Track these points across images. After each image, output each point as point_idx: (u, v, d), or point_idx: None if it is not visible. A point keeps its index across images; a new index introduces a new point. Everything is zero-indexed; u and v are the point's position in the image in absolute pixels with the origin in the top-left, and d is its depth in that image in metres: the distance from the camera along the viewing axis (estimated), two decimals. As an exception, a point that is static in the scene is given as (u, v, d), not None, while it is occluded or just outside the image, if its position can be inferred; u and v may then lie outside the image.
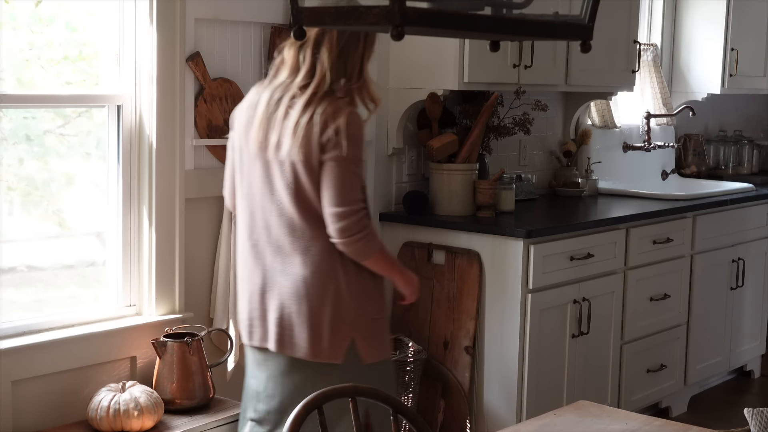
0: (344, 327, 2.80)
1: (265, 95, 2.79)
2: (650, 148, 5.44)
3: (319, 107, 2.71)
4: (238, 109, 2.89)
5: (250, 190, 2.82)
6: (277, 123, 2.74)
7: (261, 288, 2.82)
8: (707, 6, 5.56)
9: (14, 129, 3.13)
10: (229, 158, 2.92)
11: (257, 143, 2.77)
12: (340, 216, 2.71)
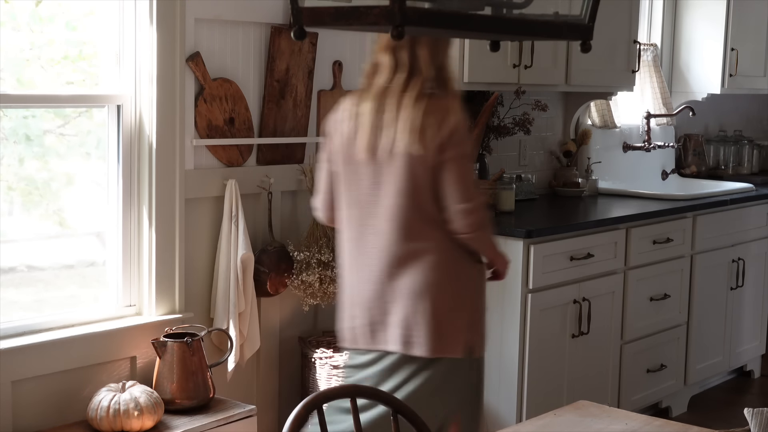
0: (462, 322, 2.85)
1: (368, 103, 2.80)
2: (650, 148, 5.43)
3: (428, 106, 2.75)
4: (334, 121, 2.88)
5: (359, 198, 2.83)
6: (387, 127, 2.77)
7: (378, 293, 2.82)
8: (707, 6, 5.56)
9: (14, 129, 3.13)
10: (326, 171, 2.92)
11: (367, 150, 2.79)
12: (469, 212, 2.78)
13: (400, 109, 2.75)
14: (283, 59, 3.66)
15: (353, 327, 2.88)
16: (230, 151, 3.55)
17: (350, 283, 2.88)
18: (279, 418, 3.80)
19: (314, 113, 3.83)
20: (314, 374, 3.64)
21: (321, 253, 3.64)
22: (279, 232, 3.72)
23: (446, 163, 2.76)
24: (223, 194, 3.49)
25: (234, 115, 3.53)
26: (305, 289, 3.63)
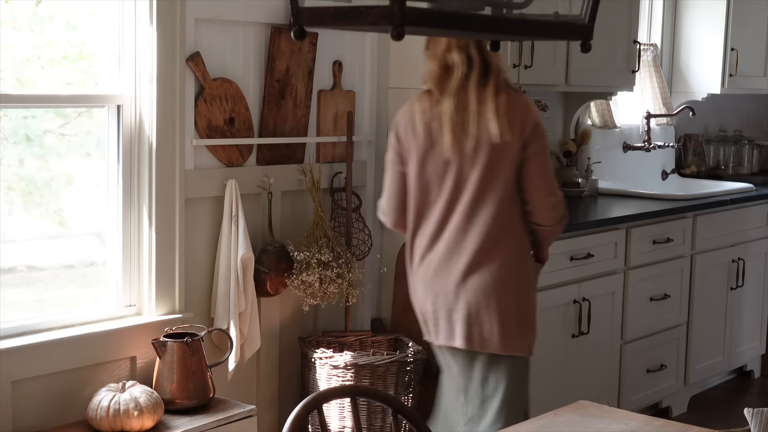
0: (530, 319, 2.96)
1: (447, 102, 2.86)
2: (650, 148, 5.44)
3: (508, 101, 2.85)
4: (410, 123, 2.94)
5: (440, 196, 2.90)
6: (471, 125, 2.85)
7: (453, 287, 2.91)
8: (707, 6, 5.56)
9: (14, 129, 3.13)
10: (397, 173, 2.98)
11: (453, 148, 2.86)
12: (555, 204, 2.95)
13: (483, 104, 2.83)
14: (283, 59, 3.66)
15: (428, 322, 2.98)
16: (230, 151, 3.55)
17: (427, 280, 2.93)
18: (279, 418, 3.80)
19: (314, 113, 3.83)
20: (314, 374, 3.64)
21: (321, 253, 3.64)
22: (279, 232, 3.72)
23: (532, 157, 2.87)
24: (223, 194, 3.49)
25: (234, 115, 3.53)
26: (305, 289, 3.63)
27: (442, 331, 2.97)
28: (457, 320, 2.92)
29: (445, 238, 2.91)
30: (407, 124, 2.95)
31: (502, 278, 2.88)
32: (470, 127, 2.85)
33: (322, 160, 3.86)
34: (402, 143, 2.97)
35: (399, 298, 4.10)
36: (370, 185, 4.06)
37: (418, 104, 2.95)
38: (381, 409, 3.58)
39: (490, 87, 2.85)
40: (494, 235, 2.87)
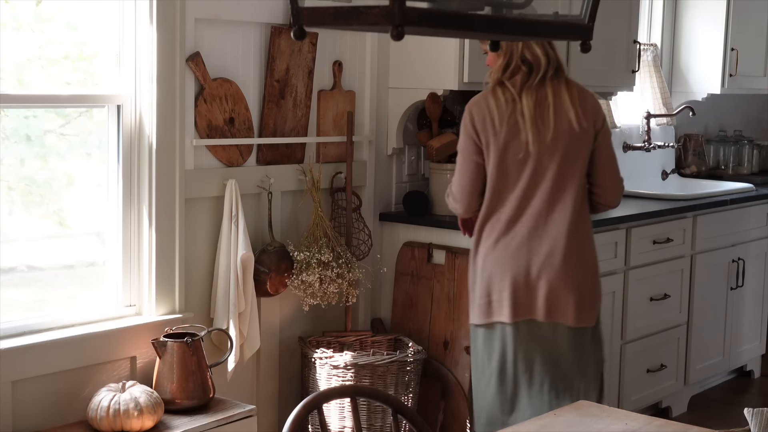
0: (598, 291, 3.24)
1: (527, 98, 3.07)
2: (650, 148, 5.44)
3: (579, 93, 3.12)
4: (487, 117, 3.09)
5: (517, 184, 3.10)
6: (550, 116, 3.08)
7: (536, 266, 3.12)
8: (707, 6, 5.56)
9: (15, 128, 3.13)
10: (474, 164, 3.13)
11: (533, 141, 3.08)
12: (621, 185, 3.24)
13: (560, 97, 3.09)
14: (283, 59, 3.66)
15: (503, 300, 3.12)
16: (230, 151, 3.55)
17: (505, 260, 3.12)
18: (279, 418, 3.80)
19: (314, 113, 3.83)
20: (314, 374, 3.64)
21: (321, 253, 3.64)
22: (279, 232, 3.72)
23: (603, 144, 3.16)
24: (223, 194, 3.49)
25: (234, 115, 3.53)
26: (305, 289, 3.63)
27: (520, 306, 3.13)
28: (539, 296, 3.12)
29: (525, 222, 3.12)
30: (484, 117, 3.10)
31: (579, 258, 3.14)
32: (550, 119, 3.08)
33: (322, 160, 3.86)
34: (480, 136, 3.12)
35: (399, 298, 4.10)
36: (370, 185, 4.06)
37: (492, 98, 3.11)
38: (381, 409, 3.59)
39: (562, 81, 3.10)
40: (574, 218, 3.12)
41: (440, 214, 4.09)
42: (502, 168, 3.11)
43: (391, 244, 4.13)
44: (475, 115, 3.12)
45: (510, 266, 3.14)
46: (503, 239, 3.15)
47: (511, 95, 3.09)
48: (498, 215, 3.15)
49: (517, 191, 3.12)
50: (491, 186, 3.14)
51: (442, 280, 3.96)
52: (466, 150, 3.16)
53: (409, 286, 4.07)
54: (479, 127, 3.12)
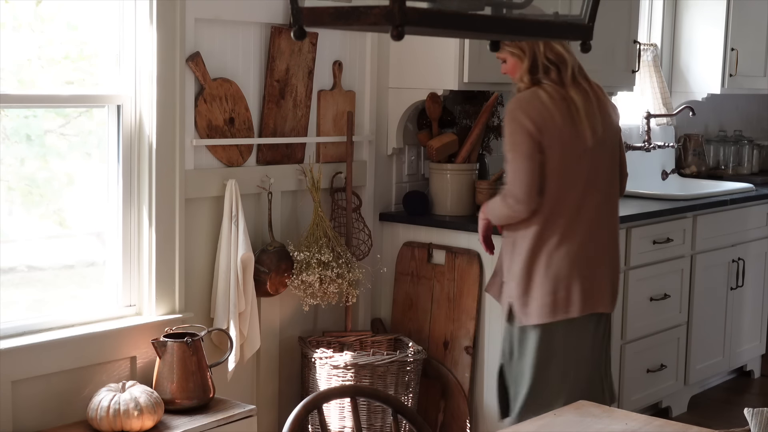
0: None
1: (575, 94, 3.17)
2: (650, 148, 5.43)
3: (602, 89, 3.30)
4: (547, 114, 3.13)
5: (577, 180, 3.18)
6: (596, 112, 3.20)
7: (601, 260, 3.25)
8: (707, 6, 5.56)
9: (15, 128, 3.13)
10: (536, 162, 3.13)
11: (590, 135, 3.17)
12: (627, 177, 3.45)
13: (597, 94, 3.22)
14: (283, 59, 3.66)
15: (571, 295, 3.19)
16: (230, 151, 3.55)
17: (571, 256, 3.18)
18: (279, 418, 3.80)
19: (314, 113, 3.83)
20: (314, 374, 3.64)
21: (321, 253, 3.64)
22: (279, 232, 3.72)
23: (621, 139, 3.37)
24: (223, 194, 3.49)
25: (234, 115, 3.53)
26: (305, 289, 3.63)
27: (588, 300, 3.22)
28: (605, 288, 3.26)
29: (588, 217, 3.21)
30: (543, 115, 3.13)
31: (618, 248, 3.34)
32: (597, 113, 3.19)
33: (322, 160, 3.86)
34: (543, 134, 3.13)
35: (399, 298, 4.10)
36: (370, 185, 4.06)
37: (545, 95, 3.14)
38: (381, 409, 3.59)
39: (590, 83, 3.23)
40: (617, 207, 3.35)
41: (440, 214, 4.09)
42: (565, 164, 3.16)
43: (391, 244, 4.13)
44: (531, 115, 3.11)
45: (577, 262, 3.19)
46: (569, 235, 3.19)
47: (558, 92, 3.13)
48: (561, 212, 3.18)
49: (577, 187, 3.18)
50: (554, 183, 3.16)
51: (442, 280, 3.96)
52: (528, 149, 3.12)
53: (409, 286, 4.07)
54: (540, 125, 3.11)
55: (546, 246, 3.19)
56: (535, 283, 3.20)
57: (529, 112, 3.12)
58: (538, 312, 3.20)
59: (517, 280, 3.23)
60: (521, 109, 3.14)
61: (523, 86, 3.18)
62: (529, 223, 3.19)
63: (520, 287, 3.22)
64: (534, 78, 3.16)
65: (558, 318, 3.21)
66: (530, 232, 3.19)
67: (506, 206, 3.20)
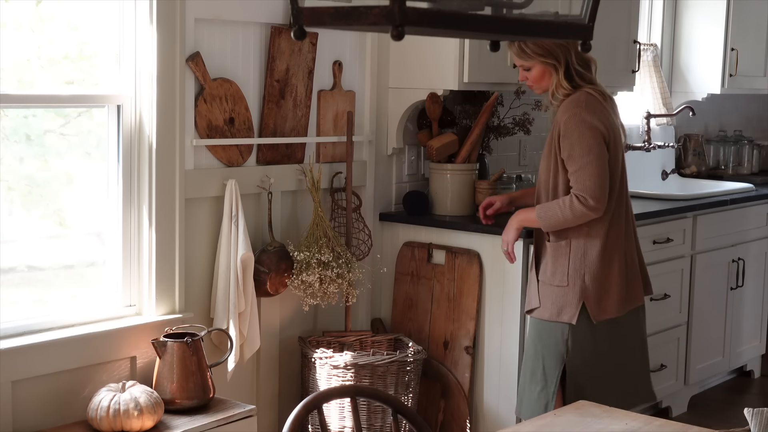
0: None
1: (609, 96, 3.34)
2: (650, 148, 5.43)
3: None
4: (607, 117, 3.28)
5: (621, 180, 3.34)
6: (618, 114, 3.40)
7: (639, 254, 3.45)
8: (707, 6, 5.56)
9: (15, 128, 3.13)
10: (605, 160, 3.23)
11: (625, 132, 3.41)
12: None
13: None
14: (283, 59, 3.66)
15: (632, 289, 3.36)
16: (230, 151, 3.55)
17: (631, 254, 3.37)
18: (279, 418, 3.80)
19: (314, 113, 3.83)
20: (314, 374, 3.64)
21: (321, 253, 3.64)
22: (279, 232, 3.72)
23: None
24: (223, 194, 3.49)
25: (234, 115, 3.53)
26: (305, 289, 3.63)
27: (647, 288, 3.46)
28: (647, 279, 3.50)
29: (629, 215, 3.40)
30: (606, 117, 3.25)
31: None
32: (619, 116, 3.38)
33: (322, 160, 3.86)
34: (608, 134, 3.25)
35: (399, 298, 4.10)
36: (369, 185, 4.06)
37: (597, 96, 3.25)
38: (381, 409, 3.59)
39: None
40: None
41: (440, 214, 4.09)
42: (620, 162, 3.31)
43: (391, 244, 4.13)
44: (597, 116, 3.22)
45: (633, 259, 3.40)
46: (626, 233, 3.38)
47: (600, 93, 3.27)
48: (621, 208, 3.34)
49: (624, 183, 3.36)
50: (615, 182, 3.30)
51: (442, 280, 3.96)
52: (601, 150, 3.22)
53: (409, 286, 4.07)
54: (606, 125, 3.24)
55: (616, 242, 3.32)
56: (612, 280, 3.31)
57: (594, 112, 3.22)
58: (615, 307, 3.32)
59: (592, 279, 3.29)
60: (588, 110, 3.21)
61: (563, 92, 3.25)
62: (597, 223, 3.28)
63: (595, 285, 3.29)
64: (573, 83, 3.24)
65: (629, 309, 3.37)
66: (601, 231, 3.29)
67: (581, 208, 3.22)
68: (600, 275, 3.29)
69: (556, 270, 3.32)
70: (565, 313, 3.30)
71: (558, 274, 3.31)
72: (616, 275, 3.32)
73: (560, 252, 3.32)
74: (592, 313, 3.29)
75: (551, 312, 3.32)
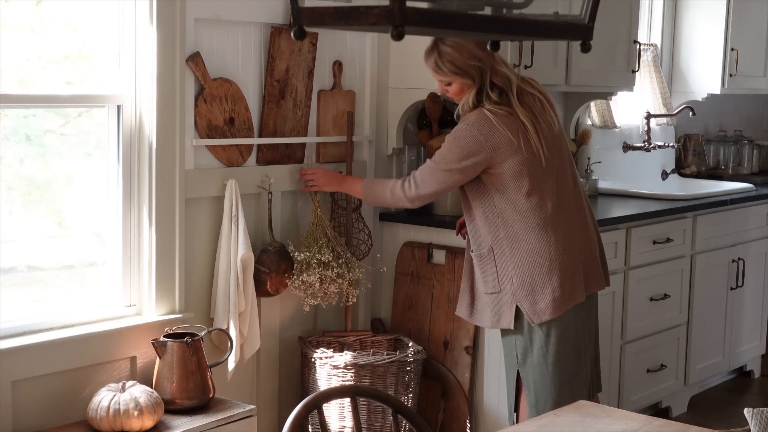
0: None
1: (522, 115, 3.25)
2: (650, 148, 5.44)
3: (546, 95, 3.38)
4: (509, 139, 3.23)
5: (548, 180, 3.30)
6: (543, 124, 3.29)
7: (585, 245, 3.40)
8: (707, 6, 5.56)
9: (14, 128, 3.13)
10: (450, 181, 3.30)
11: (543, 146, 3.27)
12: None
13: (541, 97, 3.29)
14: (283, 59, 3.66)
15: (578, 282, 3.31)
16: (230, 151, 3.55)
17: (564, 252, 3.28)
18: (279, 418, 3.80)
19: (314, 113, 3.83)
20: (314, 374, 3.64)
21: (321, 254, 3.64)
22: (279, 232, 3.72)
23: (564, 133, 3.44)
24: (223, 194, 3.49)
25: (234, 115, 3.53)
26: (306, 290, 3.63)
27: (583, 289, 3.36)
28: (597, 269, 3.45)
29: (566, 212, 3.35)
30: (496, 137, 3.22)
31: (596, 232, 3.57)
32: (543, 124, 3.30)
33: (322, 160, 3.86)
34: (496, 151, 3.26)
35: (399, 298, 4.10)
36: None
37: (496, 117, 3.21)
38: (381, 409, 3.59)
39: (530, 84, 3.33)
40: (584, 194, 3.50)
41: (440, 214, 4.09)
42: (533, 172, 3.25)
43: (391, 244, 4.13)
44: (485, 134, 3.18)
45: (571, 251, 3.36)
46: (558, 232, 3.32)
47: (503, 111, 3.18)
48: (544, 213, 3.30)
49: (562, 189, 3.32)
50: (542, 191, 3.30)
51: (442, 280, 3.96)
52: (462, 167, 3.26)
53: (409, 286, 4.07)
54: (497, 144, 3.18)
55: (543, 247, 3.23)
56: (544, 281, 3.24)
57: (481, 131, 3.17)
58: (552, 306, 3.24)
59: (521, 283, 3.24)
60: (474, 127, 3.19)
61: (467, 110, 3.24)
62: (521, 232, 3.23)
63: (524, 288, 3.24)
64: (480, 103, 3.21)
65: (569, 307, 3.28)
66: (525, 235, 3.23)
67: (401, 192, 3.35)
68: (529, 278, 3.24)
69: (486, 278, 3.31)
70: (503, 318, 3.28)
71: (489, 281, 3.30)
72: (547, 276, 3.24)
73: (485, 260, 3.30)
74: (528, 315, 3.25)
75: (492, 320, 3.32)
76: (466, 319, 3.42)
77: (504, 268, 3.26)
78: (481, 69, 3.19)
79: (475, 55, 3.17)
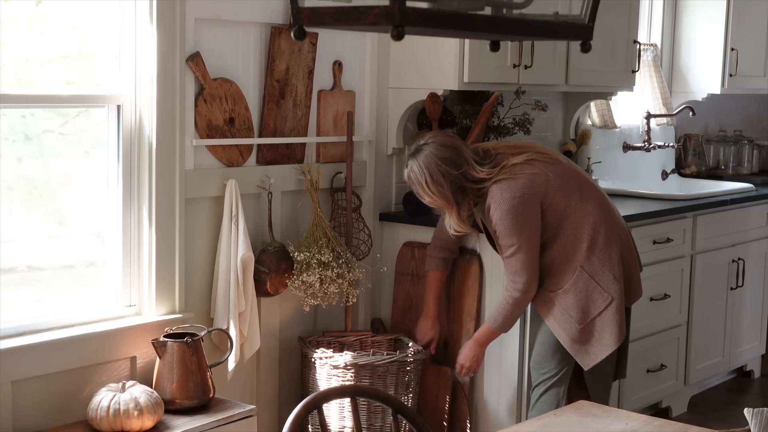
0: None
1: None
2: (650, 148, 5.44)
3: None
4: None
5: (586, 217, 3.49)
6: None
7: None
8: (707, 6, 5.56)
9: (14, 128, 3.13)
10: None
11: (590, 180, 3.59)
12: None
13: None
14: (283, 59, 3.66)
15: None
16: (230, 151, 3.55)
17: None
18: (279, 418, 3.80)
19: (314, 113, 3.83)
20: (314, 374, 3.64)
21: (321, 254, 3.64)
22: (279, 232, 3.72)
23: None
24: (223, 194, 3.49)
25: (234, 115, 3.53)
26: (306, 290, 3.63)
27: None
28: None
29: (613, 238, 3.51)
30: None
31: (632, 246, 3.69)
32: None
33: (322, 160, 3.86)
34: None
35: (399, 298, 4.10)
36: (369, 185, 4.06)
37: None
38: (381, 409, 3.59)
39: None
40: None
41: (440, 215, 4.08)
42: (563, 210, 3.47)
43: (391, 244, 4.13)
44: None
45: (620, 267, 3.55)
46: (603, 258, 3.48)
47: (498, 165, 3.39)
48: (594, 240, 3.47)
49: (595, 222, 3.48)
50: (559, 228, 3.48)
51: (442, 280, 3.95)
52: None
53: (409, 286, 4.07)
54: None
55: (614, 236, 3.45)
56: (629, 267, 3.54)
57: (513, 193, 3.33)
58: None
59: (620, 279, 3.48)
60: (504, 195, 3.35)
61: (462, 222, 3.44)
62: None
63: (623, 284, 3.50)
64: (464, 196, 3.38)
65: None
66: (574, 277, 3.40)
67: (516, 295, 3.45)
68: (627, 270, 3.49)
69: (592, 297, 3.41)
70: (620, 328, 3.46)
71: (597, 298, 3.42)
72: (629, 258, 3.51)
73: (579, 283, 3.40)
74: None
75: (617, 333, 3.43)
76: (595, 362, 3.47)
77: (602, 275, 3.40)
78: (463, 190, 3.33)
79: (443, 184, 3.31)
